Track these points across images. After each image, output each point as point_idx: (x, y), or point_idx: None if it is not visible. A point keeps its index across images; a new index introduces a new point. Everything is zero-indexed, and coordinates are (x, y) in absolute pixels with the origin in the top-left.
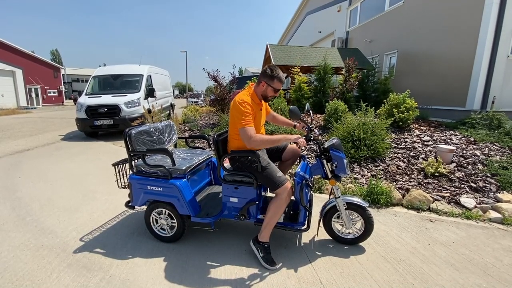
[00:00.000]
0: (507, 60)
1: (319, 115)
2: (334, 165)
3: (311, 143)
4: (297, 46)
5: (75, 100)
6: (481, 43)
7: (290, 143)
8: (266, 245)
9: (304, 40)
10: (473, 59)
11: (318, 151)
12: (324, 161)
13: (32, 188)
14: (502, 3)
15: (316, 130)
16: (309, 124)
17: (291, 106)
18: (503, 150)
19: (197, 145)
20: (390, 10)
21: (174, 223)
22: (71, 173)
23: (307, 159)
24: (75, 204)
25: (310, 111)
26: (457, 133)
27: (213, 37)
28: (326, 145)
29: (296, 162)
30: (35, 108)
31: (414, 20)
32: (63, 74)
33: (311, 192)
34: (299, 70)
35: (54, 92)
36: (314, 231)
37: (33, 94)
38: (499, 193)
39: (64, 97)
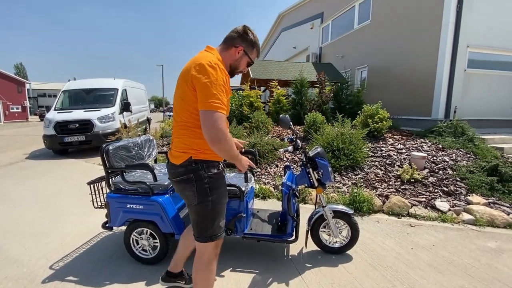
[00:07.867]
0: (465, 74)
1: (298, 127)
2: (320, 173)
3: (298, 151)
4: (274, 60)
5: (41, 116)
6: (441, 59)
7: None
8: None
9: (280, 55)
10: (435, 73)
11: (305, 159)
12: (310, 169)
13: None
14: (457, 23)
15: (298, 141)
16: (296, 134)
17: (281, 115)
18: (469, 155)
19: None
20: (359, 28)
21: (157, 242)
22: (38, 194)
23: (292, 169)
24: (43, 229)
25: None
26: (427, 141)
27: (190, 51)
28: (311, 154)
29: (282, 173)
30: None
31: (381, 37)
32: (28, 89)
33: (297, 202)
34: (277, 83)
35: (17, 108)
36: (302, 242)
37: None
38: (469, 195)
39: (29, 113)
